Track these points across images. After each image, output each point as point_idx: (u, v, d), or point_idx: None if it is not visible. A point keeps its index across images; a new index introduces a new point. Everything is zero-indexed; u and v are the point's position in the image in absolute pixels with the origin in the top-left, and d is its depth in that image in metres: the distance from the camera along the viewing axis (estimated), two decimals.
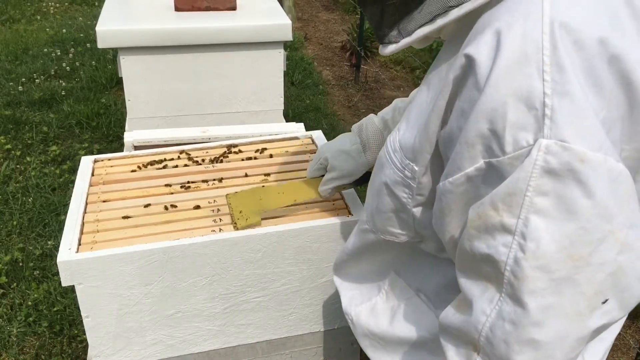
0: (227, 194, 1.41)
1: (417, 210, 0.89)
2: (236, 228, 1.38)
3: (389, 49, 0.84)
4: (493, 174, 0.70)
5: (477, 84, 0.69)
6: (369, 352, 1.11)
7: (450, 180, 0.75)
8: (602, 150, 0.65)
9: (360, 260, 1.11)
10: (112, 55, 4.96)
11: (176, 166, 1.66)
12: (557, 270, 0.66)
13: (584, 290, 0.67)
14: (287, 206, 1.42)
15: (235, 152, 1.72)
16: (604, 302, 0.69)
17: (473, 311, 0.73)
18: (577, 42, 0.66)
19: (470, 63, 0.71)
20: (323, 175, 1.37)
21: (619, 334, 2.49)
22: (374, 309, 1.09)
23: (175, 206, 1.47)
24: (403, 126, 0.87)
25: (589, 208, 0.64)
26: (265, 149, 1.74)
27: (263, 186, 1.43)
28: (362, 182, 1.35)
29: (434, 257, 0.97)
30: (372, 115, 1.33)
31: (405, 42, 0.82)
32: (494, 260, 0.69)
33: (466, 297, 0.76)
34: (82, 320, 1.36)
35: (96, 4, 6.74)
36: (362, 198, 1.37)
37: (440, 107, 0.77)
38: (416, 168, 0.84)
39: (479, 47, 0.70)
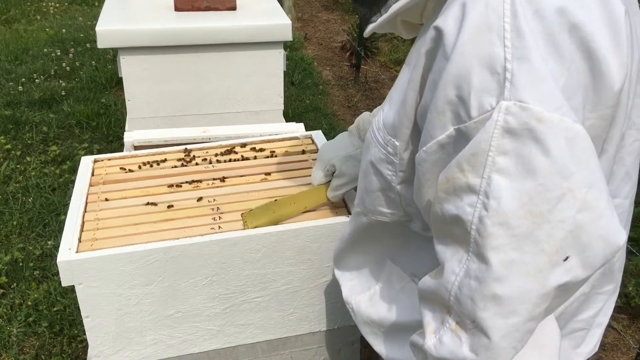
0: (242, 213, 1.44)
1: (402, 187, 0.92)
2: None
3: (368, 28, 0.88)
4: (462, 141, 0.72)
5: (445, 53, 0.73)
6: (370, 339, 1.13)
7: (424, 149, 0.78)
8: (559, 112, 0.67)
9: (356, 249, 1.13)
10: (112, 55, 4.96)
11: (176, 166, 1.66)
12: (518, 227, 0.68)
13: (544, 246, 0.69)
14: (298, 213, 1.44)
15: (235, 152, 1.72)
16: (565, 260, 0.70)
17: (444, 272, 0.76)
18: (538, 12, 0.69)
19: (439, 35, 0.74)
20: (329, 181, 1.39)
21: (619, 334, 2.49)
22: (372, 297, 1.12)
23: (175, 206, 1.47)
24: (387, 106, 0.90)
25: (547, 166, 0.67)
26: (265, 148, 1.74)
27: (275, 200, 1.46)
28: None
29: (425, 240, 0.97)
30: (366, 113, 1.34)
31: (383, 19, 0.85)
32: (462, 220, 0.72)
33: (439, 259, 0.79)
34: (82, 320, 1.36)
35: (96, 4, 6.75)
36: None
37: (416, 80, 0.80)
38: (397, 143, 0.87)
39: (446, 19, 0.73)
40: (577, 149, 0.68)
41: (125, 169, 1.64)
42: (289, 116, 4.03)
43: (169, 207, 1.46)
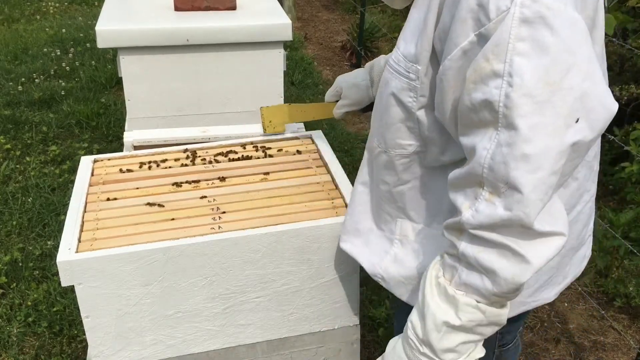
0: (262, 107, 1.75)
1: (421, 113, 1.05)
2: (265, 132, 1.77)
3: None
4: (482, 43, 0.87)
5: None
6: (406, 298, 1.19)
7: (449, 57, 0.92)
8: (562, 2, 0.83)
9: (365, 216, 1.25)
10: (112, 55, 4.96)
11: (176, 166, 1.65)
12: (539, 95, 0.83)
13: (559, 110, 0.84)
14: (306, 121, 1.77)
15: (235, 152, 1.71)
16: (576, 122, 0.86)
17: (476, 152, 0.89)
18: None
19: None
20: (337, 101, 1.65)
21: (619, 334, 2.49)
22: (396, 258, 1.20)
23: (175, 206, 1.47)
24: (401, 44, 1.04)
25: (556, 44, 0.83)
26: (265, 148, 1.73)
27: (289, 104, 1.78)
28: (367, 109, 1.60)
29: (440, 181, 1.09)
30: (382, 55, 1.58)
31: None
32: (489, 101, 0.86)
33: (469, 149, 0.92)
34: (81, 321, 1.36)
35: (96, 3, 6.74)
36: None
37: (435, 4, 0.95)
38: (419, 67, 1.00)
39: None
40: (578, 32, 0.85)
41: (125, 169, 1.64)
42: None
43: (168, 207, 1.46)
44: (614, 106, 0.89)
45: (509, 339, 1.25)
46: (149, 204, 1.47)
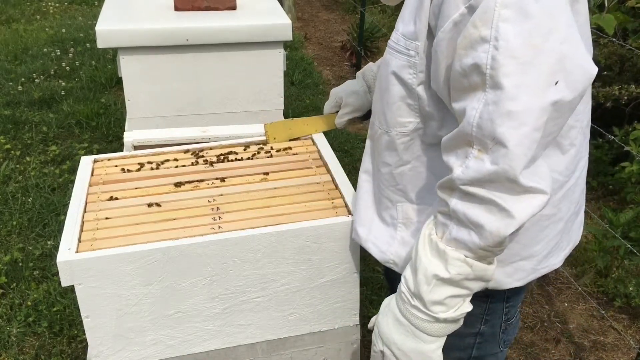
0: (265, 124, 1.77)
1: (421, 89, 1.11)
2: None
3: None
4: (471, 15, 0.93)
5: None
6: None
7: (442, 29, 0.99)
8: None
9: (368, 201, 1.30)
10: (112, 55, 4.96)
11: (176, 166, 1.66)
12: (522, 56, 0.90)
13: (541, 70, 0.90)
14: (309, 134, 1.77)
15: (235, 152, 1.71)
16: (556, 83, 0.91)
17: (466, 113, 0.95)
18: None
19: None
20: (337, 112, 1.67)
21: (619, 334, 2.49)
22: (404, 241, 1.24)
23: (175, 206, 1.47)
24: (400, 25, 1.11)
25: (538, 10, 0.90)
26: (265, 149, 1.73)
27: (292, 119, 1.80)
28: (368, 117, 1.58)
29: (440, 159, 1.11)
30: (370, 63, 1.62)
31: None
32: (478, 65, 0.92)
33: (460, 113, 0.98)
34: (81, 321, 1.36)
35: (96, 3, 6.74)
36: None
37: None
38: (418, 44, 1.07)
39: None
40: (558, 2, 0.92)
41: (125, 169, 1.64)
42: (289, 116, 4.02)
43: (168, 207, 1.46)
44: (593, 69, 0.95)
45: (512, 313, 1.28)
46: (149, 204, 1.47)
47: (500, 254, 1.04)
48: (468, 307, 1.07)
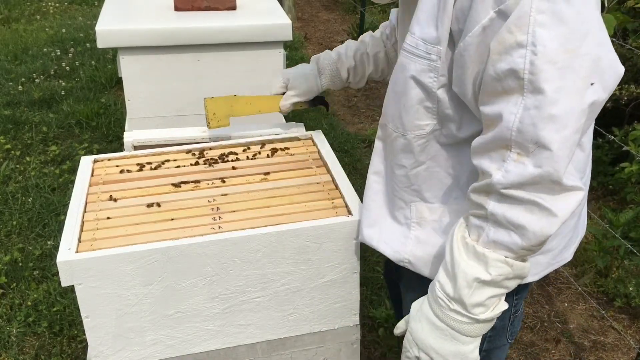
0: (205, 98, 1.65)
1: (441, 92, 1.12)
2: (209, 127, 1.70)
3: None
4: (501, 19, 0.95)
5: None
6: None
7: (470, 34, 1.00)
8: None
9: (379, 202, 1.31)
10: (112, 55, 4.96)
11: (176, 166, 1.65)
12: (560, 61, 0.92)
13: (578, 73, 0.93)
14: (251, 114, 1.69)
15: (235, 152, 1.71)
16: (592, 84, 0.94)
17: (503, 118, 0.96)
18: None
19: None
20: (283, 93, 1.65)
21: (619, 334, 2.49)
22: (419, 240, 1.25)
23: (175, 206, 1.47)
24: (416, 28, 1.11)
25: (572, 15, 0.92)
26: (265, 148, 1.73)
27: (235, 95, 1.69)
28: (315, 103, 1.64)
29: (455, 158, 1.17)
30: (327, 50, 1.65)
31: None
32: (514, 70, 0.94)
33: (492, 117, 0.99)
34: (81, 321, 1.36)
35: (96, 3, 6.75)
36: (361, 199, 1.37)
37: None
38: (441, 48, 1.08)
39: None
40: (589, 2, 0.94)
41: (125, 169, 1.64)
42: (289, 116, 4.02)
43: (168, 207, 1.46)
44: (621, 69, 1.00)
45: (519, 306, 1.31)
46: (149, 204, 1.47)
47: (540, 250, 1.06)
48: (504, 305, 1.09)
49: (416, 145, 1.19)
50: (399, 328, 1.21)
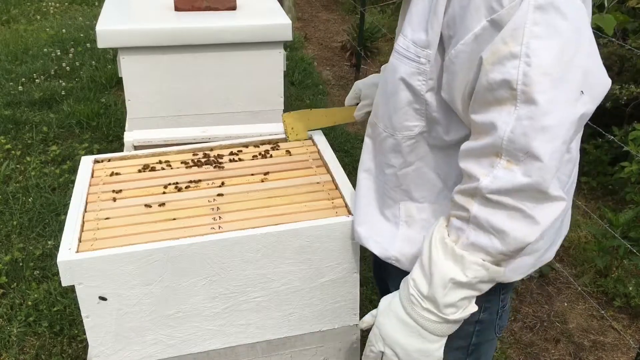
0: (283, 114, 1.77)
1: (429, 95, 1.12)
2: (288, 140, 1.75)
3: None
4: (494, 29, 0.96)
5: None
6: None
7: (462, 42, 1.01)
8: None
9: (369, 199, 1.31)
10: (112, 55, 4.96)
11: (176, 166, 1.66)
12: (554, 73, 0.92)
13: (571, 85, 0.94)
14: (329, 126, 1.77)
15: (235, 152, 1.72)
16: (582, 94, 0.95)
17: (496, 126, 0.96)
18: None
19: None
20: (357, 104, 1.66)
21: (619, 334, 2.49)
22: (407, 238, 1.25)
23: (175, 206, 1.47)
24: (408, 31, 1.11)
25: (567, 27, 0.93)
26: (265, 148, 1.74)
27: (310, 109, 1.78)
28: None
29: (443, 160, 1.18)
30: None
31: None
32: (507, 80, 0.94)
33: (484, 125, 0.99)
34: (82, 320, 1.36)
35: (96, 4, 6.75)
36: None
37: None
38: (430, 52, 1.08)
39: None
40: (582, 15, 0.96)
41: (125, 169, 1.64)
42: None
43: (169, 207, 1.47)
44: (609, 81, 1.02)
45: (506, 300, 1.33)
46: (149, 204, 1.48)
47: (517, 257, 1.07)
48: (473, 307, 1.10)
49: (405, 146, 1.20)
50: (365, 322, 1.22)
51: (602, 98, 1.00)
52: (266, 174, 1.61)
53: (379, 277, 1.56)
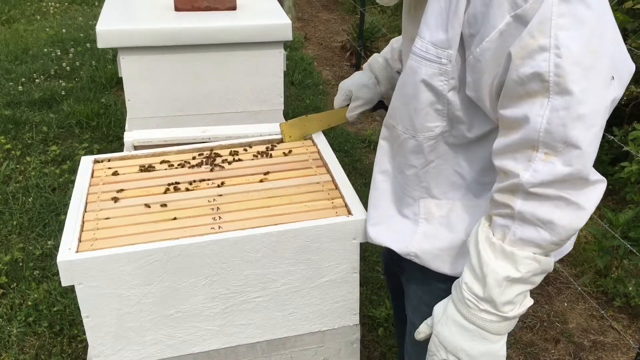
0: (280, 123, 1.79)
1: (452, 95, 1.14)
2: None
3: None
4: (518, 24, 0.97)
5: None
6: (448, 269, 1.25)
7: (487, 39, 1.02)
8: None
9: (387, 201, 1.33)
10: (112, 55, 4.96)
11: (176, 166, 1.66)
12: (585, 62, 0.94)
13: (601, 72, 0.96)
14: (325, 129, 1.80)
15: (235, 152, 1.72)
16: (612, 80, 0.98)
17: (530, 120, 0.98)
18: None
19: None
20: (348, 105, 1.68)
21: (619, 334, 2.49)
22: (426, 234, 1.27)
23: (175, 206, 1.47)
24: (426, 33, 1.12)
25: (591, 15, 0.95)
26: (265, 148, 1.74)
27: (306, 116, 1.81)
28: (376, 108, 1.69)
29: (463, 157, 1.20)
30: (375, 54, 1.66)
31: None
32: (539, 73, 0.95)
33: (515, 120, 1.00)
34: (82, 320, 1.36)
35: (96, 4, 6.75)
36: (361, 199, 1.37)
37: None
38: (451, 52, 1.09)
39: None
40: (603, 3, 0.98)
41: (125, 169, 1.64)
42: (289, 116, 4.00)
43: (169, 207, 1.47)
44: (633, 65, 1.04)
45: None
46: (149, 204, 1.48)
47: (566, 243, 1.11)
48: (530, 301, 1.12)
49: (426, 146, 1.21)
50: (421, 333, 1.22)
51: (628, 82, 1.02)
52: (266, 174, 1.61)
53: (391, 273, 1.56)
